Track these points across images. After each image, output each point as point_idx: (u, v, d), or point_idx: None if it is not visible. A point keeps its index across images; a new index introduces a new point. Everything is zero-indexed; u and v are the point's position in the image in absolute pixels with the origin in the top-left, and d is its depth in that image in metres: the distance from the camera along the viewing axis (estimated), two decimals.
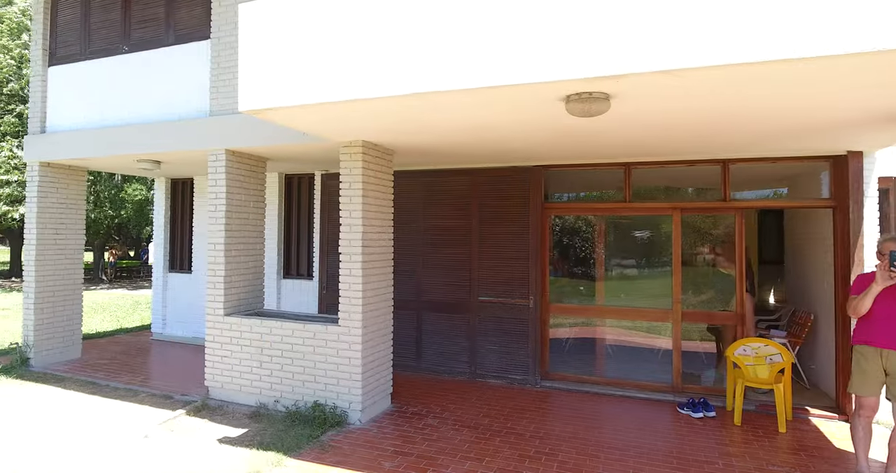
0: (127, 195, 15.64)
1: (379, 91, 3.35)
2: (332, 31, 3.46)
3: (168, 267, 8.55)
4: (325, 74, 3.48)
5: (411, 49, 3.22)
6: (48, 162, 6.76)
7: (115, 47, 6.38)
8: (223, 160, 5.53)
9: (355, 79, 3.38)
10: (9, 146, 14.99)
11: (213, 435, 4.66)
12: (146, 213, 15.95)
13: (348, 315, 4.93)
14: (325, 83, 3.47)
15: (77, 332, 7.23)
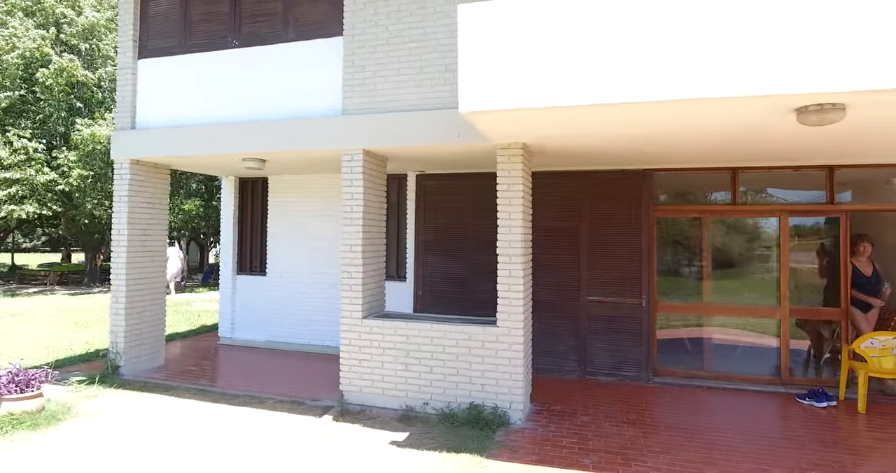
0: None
1: (614, 97, 3.42)
2: (565, 38, 3.52)
3: (237, 269, 8.27)
4: (552, 81, 3.52)
5: (660, 56, 3.32)
6: (138, 159, 6.43)
7: (223, 41, 6.14)
8: (360, 160, 5.44)
9: (584, 86, 3.43)
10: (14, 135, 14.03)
11: (380, 439, 4.60)
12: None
13: (508, 316, 4.98)
14: (551, 89, 3.51)
15: (161, 338, 6.91)
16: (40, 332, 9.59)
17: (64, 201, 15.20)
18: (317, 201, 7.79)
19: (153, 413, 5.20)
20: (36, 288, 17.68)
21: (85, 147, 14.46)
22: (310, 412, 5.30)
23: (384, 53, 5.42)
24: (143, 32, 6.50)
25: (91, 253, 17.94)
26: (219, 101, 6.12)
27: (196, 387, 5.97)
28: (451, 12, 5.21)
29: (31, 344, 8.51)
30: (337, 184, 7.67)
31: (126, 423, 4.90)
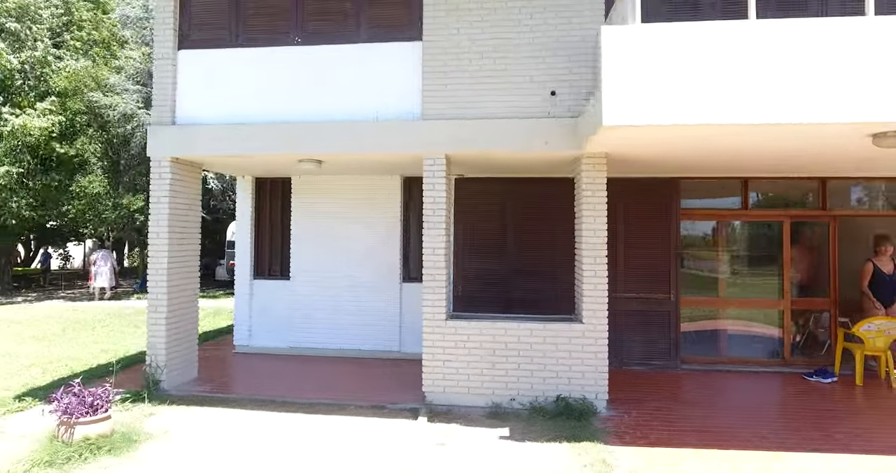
0: (79, 187, 13.22)
1: (741, 118, 3.92)
2: (703, 63, 3.97)
3: (254, 274, 7.88)
4: (688, 100, 3.95)
5: (780, 85, 3.86)
6: (177, 157, 6.00)
7: (284, 37, 5.91)
8: (442, 165, 5.55)
9: (716, 107, 3.90)
10: None
11: (488, 435, 4.77)
12: (99, 210, 13.61)
13: (593, 313, 5.36)
14: (687, 108, 3.93)
15: (194, 349, 6.48)
16: (3, 349, 8.44)
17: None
18: (343, 203, 7.66)
19: (231, 428, 4.94)
20: None
21: (12, 140, 12.75)
22: (398, 415, 5.32)
23: (467, 61, 5.57)
24: (185, 21, 6.07)
25: (4, 258, 15.76)
26: (276, 100, 5.89)
27: (260, 398, 5.70)
28: (535, 26, 5.50)
29: (6, 363, 7.51)
30: (364, 185, 7.63)
31: (210, 441, 4.63)
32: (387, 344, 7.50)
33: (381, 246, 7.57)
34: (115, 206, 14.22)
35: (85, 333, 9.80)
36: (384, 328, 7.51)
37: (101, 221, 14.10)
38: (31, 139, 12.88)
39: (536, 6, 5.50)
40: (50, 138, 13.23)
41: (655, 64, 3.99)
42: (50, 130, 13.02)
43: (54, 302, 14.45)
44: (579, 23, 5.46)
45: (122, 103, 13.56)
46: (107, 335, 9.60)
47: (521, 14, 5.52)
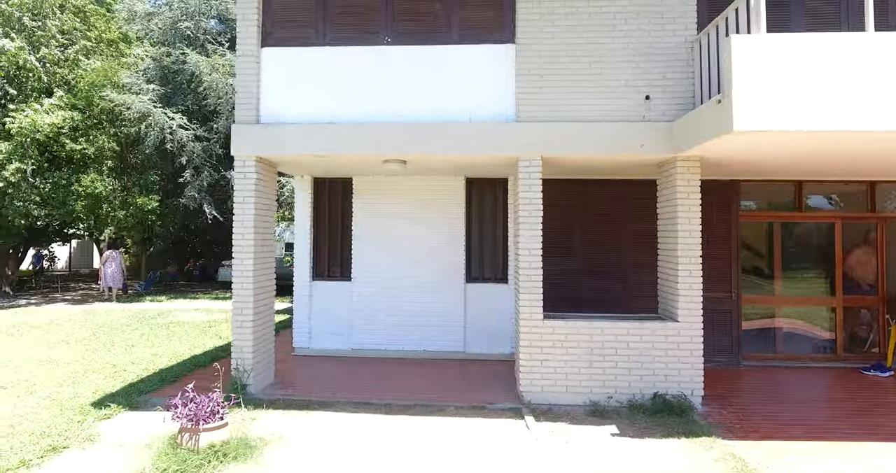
0: (81, 187, 12.69)
1: (871, 125, 4.12)
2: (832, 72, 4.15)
3: (313, 275, 7.78)
4: (815, 108, 4.12)
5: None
6: (261, 156, 5.90)
7: (373, 37, 5.88)
8: (538, 166, 5.61)
9: (841, 114, 4.08)
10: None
11: (601, 433, 4.86)
12: (97, 212, 13.09)
13: (688, 311, 5.50)
14: (814, 115, 4.11)
15: (272, 353, 6.36)
16: (37, 355, 8.12)
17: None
18: (406, 203, 7.64)
19: (342, 432, 4.90)
20: None
21: (22, 137, 12.20)
22: (501, 415, 5.36)
23: (563, 65, 5.65)
24: (268, 18, 5.97)
25: (1, 259, 15.05)
26: (363, 99, 5.85)
27: (355, 401, 5.65)
28: (629, 31, 5.61)
29: (56, 369, 7.23)
30: (428, 185, 7.62)
31: (328, 446, 4.58)
32: (451, 344, 7.51)
33: (445, 246, 7.58)
34: (124, 206, 13.75)
35: (118, 337, 9.49)
36: (448, 329, 7.52)
37: (108, 221, 13.61)
38: (40, 136, 12.35)
39: (631, 12, 5.62)
40: (59, 134, 12.71)
41: (785, 72, 4.14)
42: (60, 126, 12.52)
43: (61, 305, 13.90)
44: (672, 29, 5.60)
45: (138, 102, 13.14)
46: (143, 338, 9.31)
47: (616, 19, 5.63)
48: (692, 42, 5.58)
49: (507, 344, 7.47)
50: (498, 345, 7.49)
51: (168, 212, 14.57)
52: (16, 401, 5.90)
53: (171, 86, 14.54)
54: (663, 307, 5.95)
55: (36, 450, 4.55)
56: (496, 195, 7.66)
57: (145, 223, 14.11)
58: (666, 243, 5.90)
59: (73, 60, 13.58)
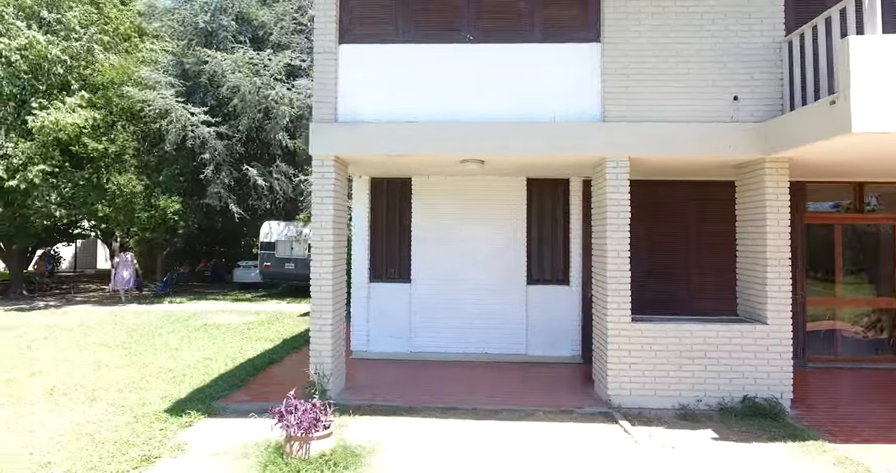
0: (115, 186, 12.38)
1: None
2: None
3: (371, 276, 7.64)
4: None
5: None
6: (338, 156, 5.77)
7: (455, 35, 5.77)
8: (626, 167, 5.54)
9: None
10: None
11: (701, 437, 4.80)
12: (131, 212, 12.78)
13: (777, 313, 5.46)
14: None
15: (343, 357, 6.22)
16: (83, 359, 7.91)
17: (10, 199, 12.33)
18: (466, 204, 7.54)
19: (437, 438, 4.80)
20: None
21: (44, 136, 11.90)
22: (592, 419, 5.27)
23: (649, 65, 5.59)
24: (345, 14, 5.84)
25: (17, 259, 14.67)
26: (444, 98, 5.75)
27: (440, 406, 5.53)
28: (717, 32, 5.56)
29: (105, 374, 7.04)
30: (489, 186, 7.52)
31: (429, 454, 4.48)
32: (512, 347, 7.41)
33: (506, 247, 7.48)
34: (148, 207, 13.49)
35: (157, 340, 9.27)
36: (509, 331, 7.42)
37: (133, 222, 13.32)
38: (63, 135, 12.05)
39: (718, 12, 5.57)
40: (81, 134, 12.41)
41: None
42: (83, 126, 12.22)
43: (83, 307, 13.59)
44: (760, 30, 5.56)
45: (160, 98, 12.87)
46: (186, 342, 9.10)
47: (703, 19, 5.58)
48: (780, 43, 5.54)
49: (567, 347, 7.40)
50: (559, 348, 7.40)
51: (189, 211, 14.31)
52: (84, 408, 5.72)
53: (191, 83, 14.28)
54: (746, 309, 5.90)
55: (128, 460, 4.40)
56: (557, 196, 7.57)
57: (168, 223, 13.84)
58: (749, 245, 5.85)
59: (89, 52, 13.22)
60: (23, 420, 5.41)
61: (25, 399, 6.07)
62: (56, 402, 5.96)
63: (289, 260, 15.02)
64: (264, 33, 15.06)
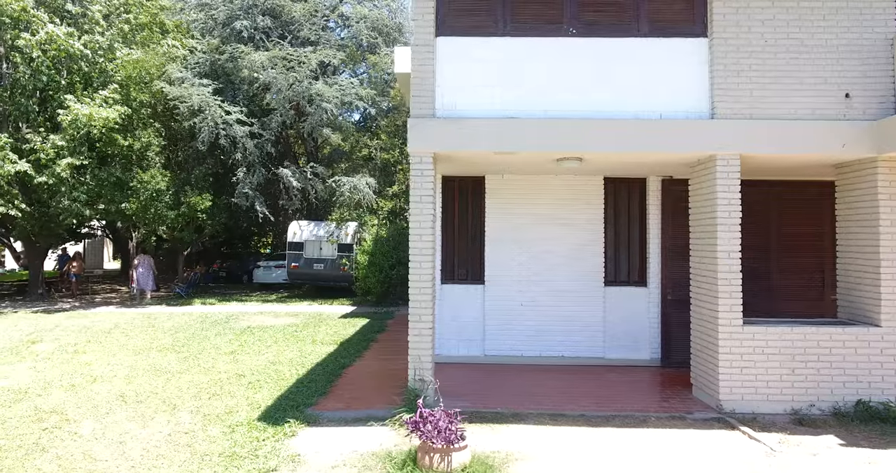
0: (140, 184, 11.99)
1: None
2: None
3: (443, 278, 7.42)
4: None
5: None
6: (437, 153, 5.56)
7: (555, 28, 5.58)
8: (737, 165, 5.40)
9: None
10: None
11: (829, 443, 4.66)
12: (158, 208, 12.38)
13: (892, 316, 5.34)
14: None
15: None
16: (137, 364, 7.60)
17: (33, 198, 11.91)
18: (542, 204, 7.35)
19: (557, 445, 4.62)
20: None
21: (76, 130, 11.50)
22: (707, 425, 5.11)
23: (760, 60, 5.44)
24: (442, 5, 5.62)
25: (38, 260, 14.20)
26: (545, 93, 5.56)
27: (549, 412, 5.33)
28: (828, 28, 5.44)
29: (170, 380, 6.75)
30: (565, 185, 7.35)
31: (557, 461, 4.30)
32: (590, 350, 7.24)
33: (583, 248, 7.31)
34: (175, 205, 13.11)
35: (206, 343, 8.96)
36: (587, 334, 7.25)
37: (160, 220, 12.94)
38: (94, 131, 11.65)
39: (830, 8, 5.44)
40: (111, 129, 12.02)
41: None
42: (114, 121, 11.83)
43: (111, 309, 13.18)
44: (871, 26, 5.44)
45: (195, 95, 12.51)
46: (238, 345, 8.78)
47: (814, 15, 5.44)
48: (892, 39, 5.42)
49: (646, 350, 7.24)
50: (637, 351, 7.24)
51: (217, 210, 13.95)
52: (166, 417, 5.44)
53: (221, 80, 13.92)
54: (852, 311, 5.77)
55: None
56: (635, 196, 7.41)
57: (195, 222, 13.47)
58: (855, 246, 5.72)
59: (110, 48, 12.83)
60: (108, 431, 5.13)
61: (99, 407, 5.78)
62: (133, 410, 5.67)
63: (318, 260, 14.71)
64: (294, 29, 14.72)
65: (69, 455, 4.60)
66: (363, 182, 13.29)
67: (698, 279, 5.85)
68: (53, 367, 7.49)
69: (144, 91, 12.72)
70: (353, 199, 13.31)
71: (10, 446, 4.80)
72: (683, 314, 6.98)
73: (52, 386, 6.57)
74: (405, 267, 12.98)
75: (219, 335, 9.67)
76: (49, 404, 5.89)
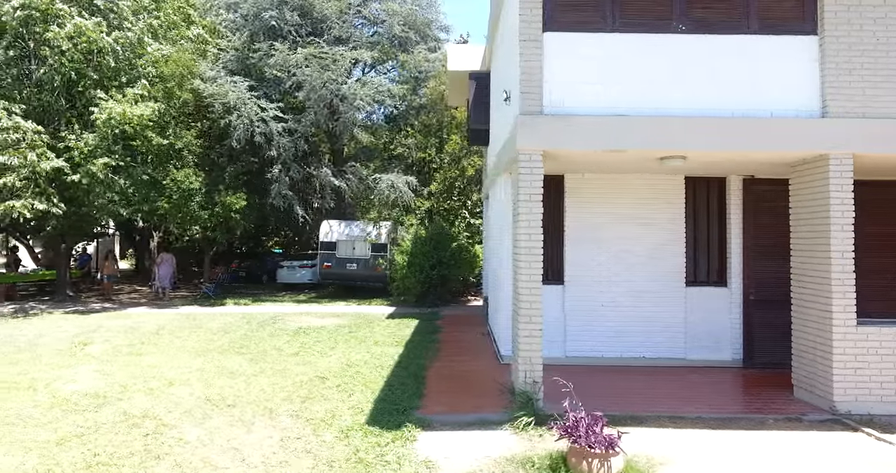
0: (173, 183, 11.72)
1: None
2: None
3: None
4: None
5: None
6: (546, 151, 5.45)
7: (664, 24, 5.50)
8: (850, 165, 5.34)
9: None
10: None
11: None
12: (192, 208, 12.13)
13: None
14: None
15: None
16: (205, 366, 7.41)
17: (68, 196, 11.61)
18: (622, 203, 7.27)
19: (696, 450, 4.52)
20: None
21: (109, 128, 11.23)
22: (826, 427, 5.08)
23: (872, 59, 5.40)
24: (548, 0, 5.51)
25: (64, 260, 13.87)
26: (653, 90, 5.49)
27: (666, 415, 5.24)
28: None
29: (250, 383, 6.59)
30: (645, 185, 7.27)
31: (710, 468, 4.20)
32: (671, 351, 7.17)
33: (664, 248, 7.24)
34: (208, 204, 12.87)
35: (265, 344, 8.78)
36: (668, 334, 7.18)
37: (193, 220, 12.69)
38: (128, 128, 11.39)
39: None
40: (144, 126, 11.76)
41: None
42: (148, 118, 11.58)
43: (142, 309, 12.90)
44: None
45: (231, 92, 12.27)
46: (298, 346, 8.59)
47: None
48: None
49: (728, 350, 7.18)
50: (718, 351, 7.19)
51: (249, 210, 13.72)
52: (266, 421, 5.29)
53: (253, 78, 13.68)
54: None
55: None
56: (714, 195, 7.36)
57: (229, 222, 13.23)
58: None
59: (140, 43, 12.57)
60: (214, 436, 4.97)
61: (192, 411, 5.61)
62: (229, 414, 5.51)
63: (351, 260, 14.52)
64: (325, 27, 14.50)
65: (188, 463, 4.44)
66: (402, 180, 13.14)
67: (803, 279, 5.80)
68: (118, 370, 7.28)
69: (179, 89, 12.46)
70: (390, 198, 13.15)
71: (120, 453, 4.63)
72: (768, 314, 6.97)
73: (129, 389, 6.38)
74: (446, 268, 13.02)
75: (273, 336, 9.49)
76: (136, 408, 5.70)
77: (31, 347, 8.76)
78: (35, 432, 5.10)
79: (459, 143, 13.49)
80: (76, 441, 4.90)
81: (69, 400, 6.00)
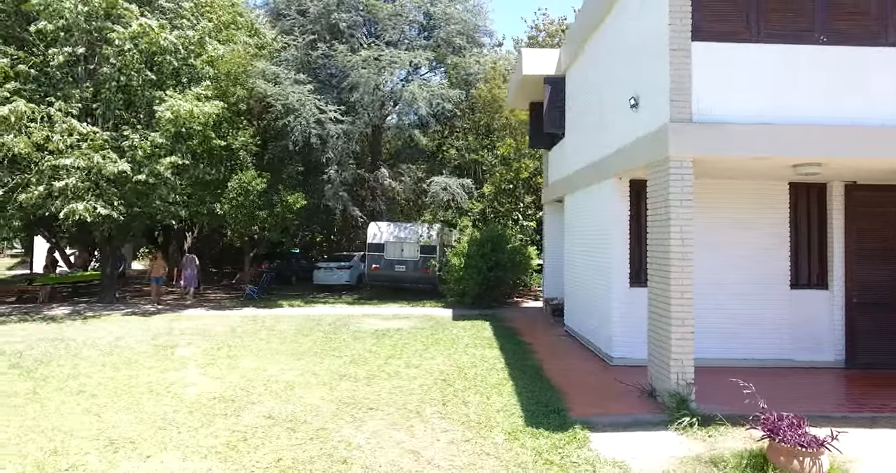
0: (238, 184, 11.59)
1: None
2: None
3: (631, 282, 7.44)
4: None
5: None
6: (696, 157, 5.58)
7: (806, 35, 5.66)
8: None
9: None
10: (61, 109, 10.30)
11: None
12: (252, 209, 12.04)
13: None
14: None
15: None
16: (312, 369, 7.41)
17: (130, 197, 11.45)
18: (730, 207, 7.43)
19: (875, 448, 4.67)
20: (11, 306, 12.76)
21: (175, 127, 11.12)
22: None
23: None
24: (698, 11, 5.64)
25: (111, 260, 13.66)
26: (793, 99, 5.64)
27: (816, 414, 5.36)
28: None
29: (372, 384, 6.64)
30: (747, 189, 7.45)
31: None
32: (776, 352, 7.34)
33: (767, 252, 7.41)
34: (265, 205, 12.80)
35: (351, 347, 8.78)
36: (773, 336, 7.34)
37: (253, 220, 12.60)
38: (196, 126, 11.28)
39: None
40: (205, 125, 11.67)
41: None
42: (213, 116, 11.49)
43: (200, 311, 12.77)
44: None
45: (294, 94, 12.22)
46: (388, 349, 8.61)
47: None
48: None
49: (830, 352, 7.38)
50: (821, 353, 7.38)
51: (305, 212, 13.67)
52: (422, 425, 5.32)
53: (311, 77, 13.62)
54: None
55: None
56: (814, 200, 7.56)
57: (286, 222, 13.17)
58: None
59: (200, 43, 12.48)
60: (379, 440, 5.00)
61: (339, 415, 5.62)
62: (380, 418, 5.53)
63: (400, 262, 14.53)
64: (381, 29, 14.49)
65: (378, 466, 4.47)
66: (456, 182, 13.20)
67: None
68: (225, 373, 7.24)
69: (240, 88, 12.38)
70: (444, 200, 13.20)
71: (300, 457, 4.65)
72: (872, 317, 7.18)
73: (252, 393, 6.36)
74: (503, 270, 13.08)
75: (356, 339, 9.48)
76: (277, 412, 5.69)
77: (116, 350, 8.65)
78: (194, 437, 5.07)
79: (514, 146, 13.59)
80: (244, 445, 4.89)
81: (202, 404, 5.98)
